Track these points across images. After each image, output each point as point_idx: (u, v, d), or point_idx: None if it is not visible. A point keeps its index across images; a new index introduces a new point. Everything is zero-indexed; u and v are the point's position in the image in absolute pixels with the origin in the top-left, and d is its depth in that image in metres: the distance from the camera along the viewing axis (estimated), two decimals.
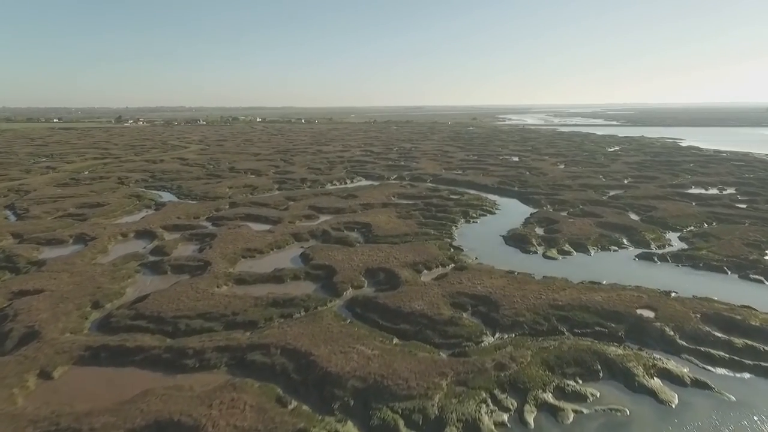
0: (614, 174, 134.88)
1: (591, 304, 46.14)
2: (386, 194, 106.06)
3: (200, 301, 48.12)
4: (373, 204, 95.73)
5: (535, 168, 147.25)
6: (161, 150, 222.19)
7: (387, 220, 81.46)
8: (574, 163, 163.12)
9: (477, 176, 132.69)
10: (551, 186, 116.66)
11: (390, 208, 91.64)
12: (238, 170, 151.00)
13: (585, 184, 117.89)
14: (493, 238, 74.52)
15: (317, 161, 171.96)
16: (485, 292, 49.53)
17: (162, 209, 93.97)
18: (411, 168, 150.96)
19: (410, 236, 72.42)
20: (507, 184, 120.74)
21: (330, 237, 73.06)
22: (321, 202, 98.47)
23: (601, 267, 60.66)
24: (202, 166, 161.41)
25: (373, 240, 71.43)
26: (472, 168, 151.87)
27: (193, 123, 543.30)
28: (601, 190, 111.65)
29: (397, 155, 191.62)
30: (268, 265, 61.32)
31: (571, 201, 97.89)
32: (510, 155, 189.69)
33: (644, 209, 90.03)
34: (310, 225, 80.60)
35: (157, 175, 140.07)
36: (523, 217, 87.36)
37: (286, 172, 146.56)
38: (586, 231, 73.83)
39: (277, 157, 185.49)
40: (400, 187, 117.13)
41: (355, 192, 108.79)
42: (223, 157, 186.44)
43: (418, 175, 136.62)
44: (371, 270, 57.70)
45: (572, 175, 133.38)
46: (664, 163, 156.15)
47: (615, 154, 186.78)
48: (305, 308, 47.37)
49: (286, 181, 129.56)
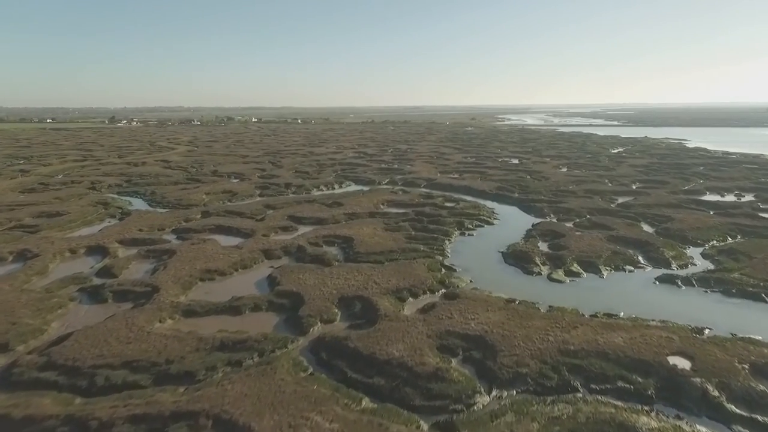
0: (621, 178, 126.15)
1: (610, 349, 37.38)
2: (375, 202, 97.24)
3: (131, 343, 39.32)
4: (359, 213, 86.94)
5: (536, 171, 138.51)
6: (147, 152, 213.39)
7: (372, 234, 72.63)
8: (577, 165, 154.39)
9: (474, 181, 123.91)
10: (554, 192, 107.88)
11: (377, 219, 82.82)
12: (221, 174, 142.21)
13: (590, 190, 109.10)
14: (490, 255, 65.73)
15: (306, 164, 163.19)
16: (480, 331, 40.77)
17: (126, 219, 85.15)
18: (404, 172, 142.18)
19: (397, 253, 63.63)
20: (506, 189, 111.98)
21: (305, 254, 64.22)
22: (302, 210, 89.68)
23: (616, 293, 51.93)
24: (184, 170, 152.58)
25: (353, 258, 62.61)
26: (470, 171, 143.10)
27: (187, 123, 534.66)
28: (609, 196, 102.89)
29: (392, 157, 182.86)
30: (227, 290, 52.53)
31: (577, 210, 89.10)
32: (509, 157, 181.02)
33: (658, 220, 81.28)
34: (285, 239, 71.77)
35: (133, 180, 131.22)
36: (524, 228, 78.61)
37: (271, 176, 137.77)
38: (596, 247, 65.04)
39: (265, 160, 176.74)
40: (391, 193, 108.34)
41: (342, 199, 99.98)
42: (208, 160, 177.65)
43: (412, 179, 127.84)
44: (346, 299, 48.91)
45: (576, 179, 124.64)
46: (673, 166, 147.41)
47: (620, 156, 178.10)
48: (259, 352, 38.60)
49: (269, 186, 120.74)
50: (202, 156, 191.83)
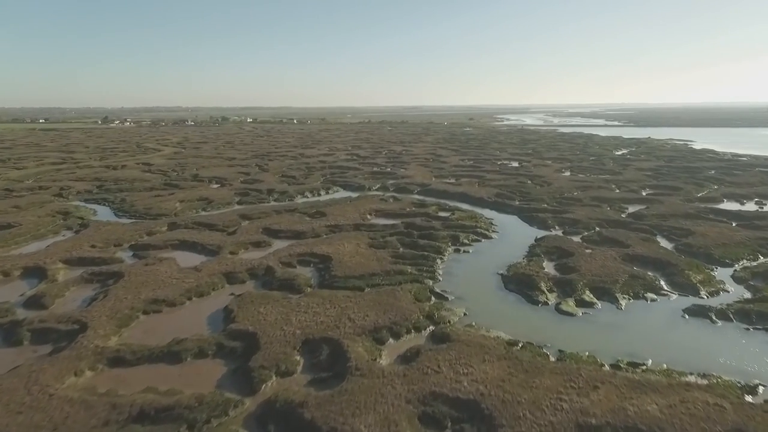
0: (629, 183, 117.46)
1: (644, 424, 28.59)
2: (362, 211, 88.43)
3: (23, 412, 30.46)
4: (343, 226, 78.09)
5: (538, 176, 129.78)
6: (131, 154, 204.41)
7: (354, 251, 63.80)
8: (580, 169, 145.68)
9: (471, 187, 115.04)
10: (558, 199, 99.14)
11: (362, 233, 73.96)
12: (202, 179, 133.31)
13: (597, 197, 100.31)
14: (488, 278, 56.95)
15: (295, 167, 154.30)
16: (474, 394, 31.98)
17: (82, 233, 76.24)
18: (397, 176, 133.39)
19: (380, 276, 54.83)
20: (506, 196, 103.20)
21: (274, 278, 55.36)
22: (280, 222, 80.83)
23: (639, 331, 43.19)
24: (164, 174, 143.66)
25: (329, 283, 53.80)
26: (467, 175, 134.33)
27: (181, 124, 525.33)
28: (618, 205, 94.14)
29: (385, 160, 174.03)
30: (171, 327, 43.68)
31: (585, 221, 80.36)
32: (509, 160, 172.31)
33: (677, 233, 72.56)
34: (255, 257, 62.88)
35: (106, 185, 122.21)
36: (526, 244, 69.84)
37: (254, 180, 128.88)
38: (610, 269, 56.26)
39: (252, 163, 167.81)
40: (381, 201, 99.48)
41: (326, 208, 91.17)
42: (192, 163, 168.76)
43: (405, 185, 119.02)
44: (312, 342, 40.08)
45: (581, 184, 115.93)
46: (683, 170, 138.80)
47: (625, 159, 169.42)
48: (189, 424, 29.78)
49: (250, 192, 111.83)
50: (187, 158, 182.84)
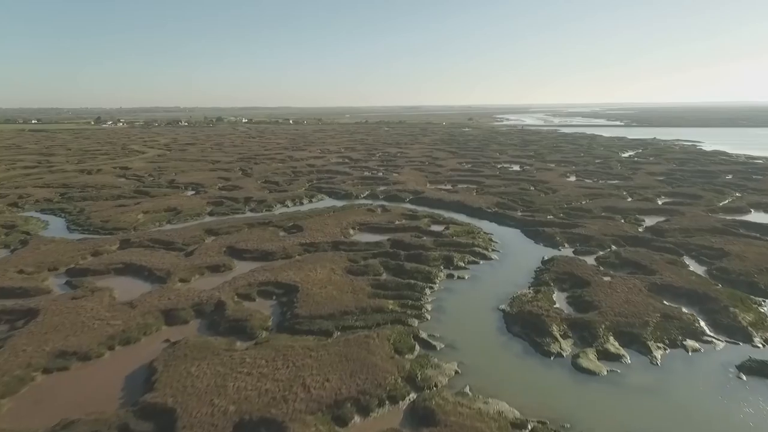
0: (641, 190, 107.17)
1: None
2: (344, 225, 78.14)
3: None
4: (320, 244, 67.76)
5: (541, 181, 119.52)
6: (112, 157, 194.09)
7: (326, 279, 53.50)
8: (586, 173, 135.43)
9: (469, 195, 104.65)
10: (565, 210, 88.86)
11: (340, 254, 63.61)
12: (178, 185, 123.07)
13: (609, 207, 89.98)
14: (487, 316, 46.65)
15: (280, 172, 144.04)
16: None
17: (17, 252, 65.94)
18: (389, 182, 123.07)
19: (354, 316, 44.57)
20: (507, 206, 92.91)
21: (223, 318, 45.00)
22: (249, 239, 70.51)
23: (684, 402, 32.88)
24: (138, 179, 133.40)
25: (290, 325, 43.50)
26: (464, 181, 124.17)
27: (175, 124, 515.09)
28: (633, 216, 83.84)
29: (378, 163, 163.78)
30: (71, 396, 33.35)
31: (598, 237, 70.05)
32: (509, 162, 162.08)
33: (708, 254, 62.24)
34: (207, 287, 52.54)
35: (70, 193, 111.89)
36: (532, 266, 59.63)
37: (234, 187, 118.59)
38: (637, 305, 45.97)
39: (236, 166, 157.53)
40: (368, 212, 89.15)
41: (305, 220, 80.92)
42: (173, 166, 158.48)
43: (396, 192, 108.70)
44: (248, 424, 29.73)
45: (589, 192, 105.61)
46: (697, 174, 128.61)
47: (633, 162, 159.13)
48: None
49: (225, 201, 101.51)
50: (169, 162, 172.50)
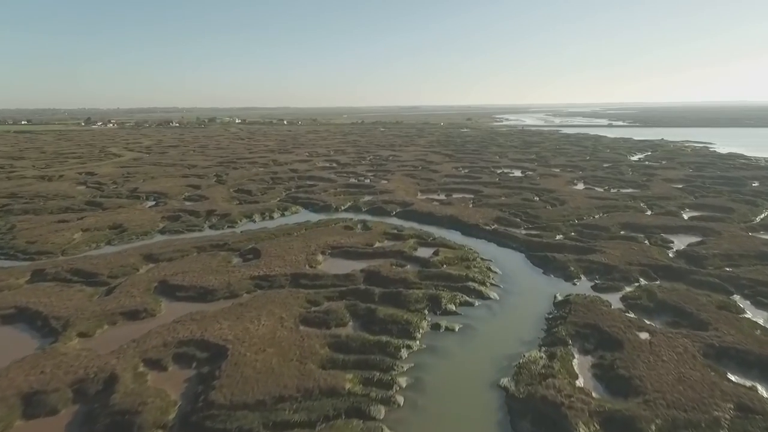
0: (661, 201, 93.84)
1: None
2: (313, 248, 64.78)
3: None
4: (276, 277, 54.38)
5: (546, 190, 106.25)
6: (84, 160, 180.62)
7: (269, 337, 40.10)
8: (596, 180, 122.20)
9: (464, 208, 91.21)
10: (577, 227, 75.60)
11: (297, 292, 50.21)
12: (139, 194, 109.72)
13: (629, 224, 76.65)
14: (484, 401, 33.22)
15: (258, 178, 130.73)
16: None
17: None
18: (376, 190, 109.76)
19: (292, 405, 31.16)
20: (509, 222, 79.68)
21: (107, 405, 31.52)
22: (191, 269, 57.16)
23: None
24: (98, 188, 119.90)
25: (198, 420, 30.13)
26: (460, 189, 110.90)
27: (166, 125, 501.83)
28: (658, 236, 70.53)
29: (367, 168, 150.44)
30: None
31: (622, 267, 56.72)
32: (510, 167, 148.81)
33: (764, 291, 49.00)
34: (109, 347, 39.10)
35: (11, 205, 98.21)
36: (542, 312, 46.37)
37: (200, 197, 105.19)
38: (695, 385, 32.61)
39: (212, 172, 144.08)
40: (345, 230, 75.84)
41: (267, 242, 67.62)
42: (143, 172, 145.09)
43: (382, 203, 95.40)
44: None
45: (602, 203, 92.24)
46: (720, 181, 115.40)
47: (645, 167, 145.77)
48: None
49: (183, 215, 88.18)
50: (141, 167, 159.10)
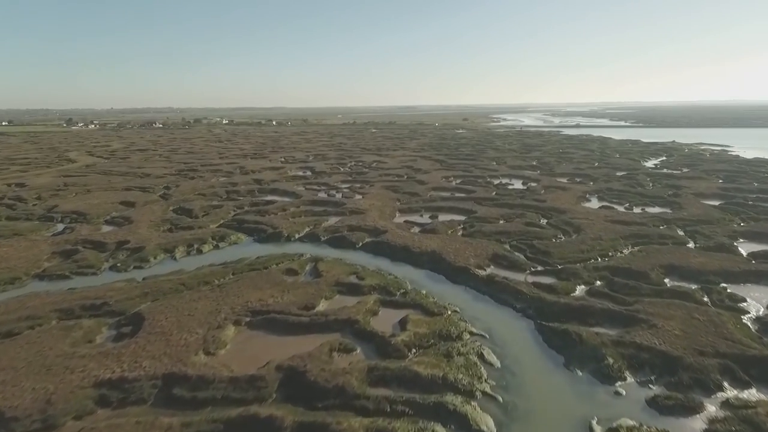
0: (703, 227, 73.34)
1: None
2: (224, 315, 44.14)
3: None
4: (137, 384, 33.51)
5: (555, 210, 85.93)
6: (29, 167, 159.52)
7: None
8: (613, 194, 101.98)
9: (452, 239, 70.17)
10: (604, 273, 54.98)
11: (157, 421, 29.73)
12: (55, 214, 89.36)
13: (674, 267, 56.01)
14: None
15: (210, 192, 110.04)
16: None
17: None
18: (345, 210, 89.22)
19: None
20: (509, 263, 59.08)
21: None
22: (16, 358, 36.57)
23: None
24: (12, 205, 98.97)
25: None
26: (448, 209, 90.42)
27: (148, 126, 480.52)
28: (723, 291, 49.82)
29: (344, 177, 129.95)
30: None
31: (690, 359, 36.06)
32: (509, 176, 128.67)
33: None
34: None
35: None
36: None
37: (124, 220, 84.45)
38: None
39: (162, 183, 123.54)
40: (284, 276, 55.17)
41: (163, 301, 47.03)
42: (83, 183, 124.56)
43: (347, 231, 74.82)
44: None
45: (628, 230, 71.56)
46: (765, 197, 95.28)
47: (666, 176, 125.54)
48: None
49: (85, 248, 67.43)
50: (87, 176, 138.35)
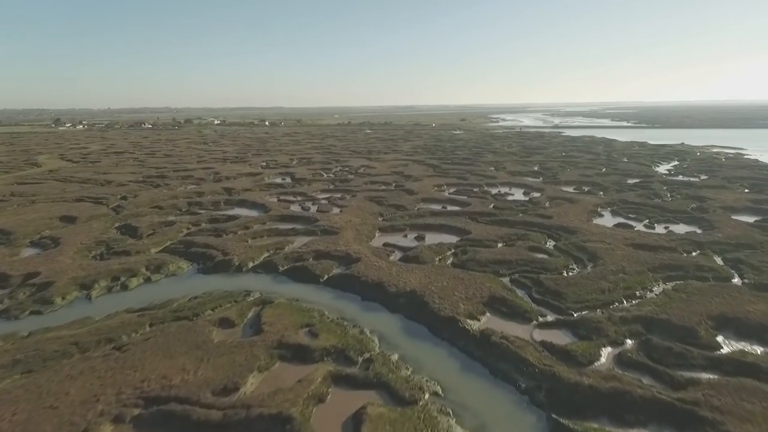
0: (746, 255, 59.81)
1: None
2: (100, 410, 30.76)
3: None
4: None
5: (564, 229, 72.68)
6: None
7: None
8: (628, 207, 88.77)
9: (438, 272, 56.42)
10: (634, 327, 41.59)
11: None
12: None
13: (728, 319, 42.69)
14: None
15: (169, 204, 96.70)
16: None
17: None
18: (317, 228, 75.92)
19: None
20: (510, 309, 45.75)
21: None
22: None
23: None
24: None
25: None
26: (438, 227, 77.06)
27: (137, 126, 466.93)
28: None
29: (324, 186, 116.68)
30: None
31: None
32: (509, 184, 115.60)
33: None
34: None
35: None
36: None
37: (53, 241, 71.25)
38: None
39: (120, 193, 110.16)
40: (215, 330, 41.53)
41: (29, 380, 33.79)
42: (33, 193, 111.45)
43: (313, 259, 61.48)
44: None
45: (655, 258, 58.21)
46: None
47: (684, 185, 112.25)
48: None
49: None
50: (42, 183, 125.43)
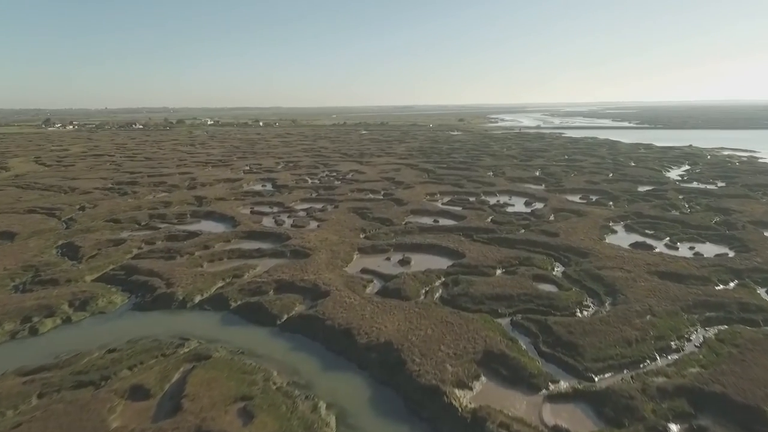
0: None
1: None
2: None
3: None
4: None
5: (574, 251, 62.39)
6: None
7: None
8: (643, 222, 78.63)
9: (422, 314, 46.27)
10: (670, 397, 31.35)
11: None
12: None
13: None
14: None
15: (128, 216, 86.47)
16: None
17: None
18: (287, 249, 65.56)
19: None
20: (510, 368, 35.59)
21: None
22: None
23: None
24: None
25: None
26: (427, 247, 66.72)
27: (127, 127, 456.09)
28: None
29: (306, 194, 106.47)
30: None
31: None
32: (508, 192, 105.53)
33: None
34: None
35: None
36: None
37: None
38: None
39: (81, 202, 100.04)
40: (118, 407, 31.25)
41: None
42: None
43: (275, 291, 51.27)
44: None
45: (687, 291, 48.20)
46: None
47: (702, 193, 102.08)
48: None
49: None
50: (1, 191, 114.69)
